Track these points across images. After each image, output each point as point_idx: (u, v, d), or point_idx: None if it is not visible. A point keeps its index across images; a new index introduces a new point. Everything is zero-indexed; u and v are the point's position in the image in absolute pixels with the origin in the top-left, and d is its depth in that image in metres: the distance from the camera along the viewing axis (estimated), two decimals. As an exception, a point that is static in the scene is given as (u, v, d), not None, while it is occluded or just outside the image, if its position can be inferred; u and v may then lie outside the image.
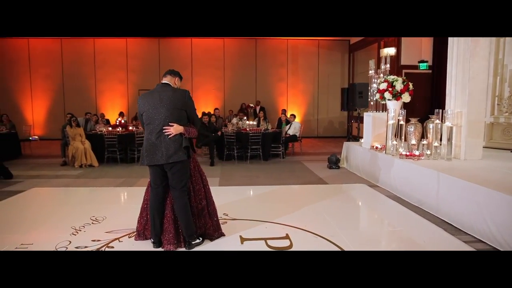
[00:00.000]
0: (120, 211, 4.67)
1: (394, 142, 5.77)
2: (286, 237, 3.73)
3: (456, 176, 4.22)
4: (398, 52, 10.73)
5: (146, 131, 3.36)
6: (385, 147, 6.01)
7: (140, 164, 3.46)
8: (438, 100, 10.12)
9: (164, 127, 3.25)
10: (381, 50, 11.00)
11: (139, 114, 3.47)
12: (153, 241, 3.49)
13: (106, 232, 3.91)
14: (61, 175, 7.13)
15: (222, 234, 3.76)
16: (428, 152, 5.49)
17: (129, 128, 9.14)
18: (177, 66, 13.75)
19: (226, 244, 3.59)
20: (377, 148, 6.32)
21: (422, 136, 5.86)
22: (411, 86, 5.87)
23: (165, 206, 3.47)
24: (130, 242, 3.64)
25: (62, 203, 5.29)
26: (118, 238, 3.74)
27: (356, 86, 8.06)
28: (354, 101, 8.00)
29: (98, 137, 8.34)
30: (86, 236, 3.80)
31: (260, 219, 4.27)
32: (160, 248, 3.44)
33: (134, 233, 3.73)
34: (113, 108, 13.38)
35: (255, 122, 9.46)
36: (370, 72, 6.99)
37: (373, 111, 6.90)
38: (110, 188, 5.96)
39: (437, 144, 5.50)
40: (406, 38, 10.78)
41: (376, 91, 6.31)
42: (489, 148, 6.72)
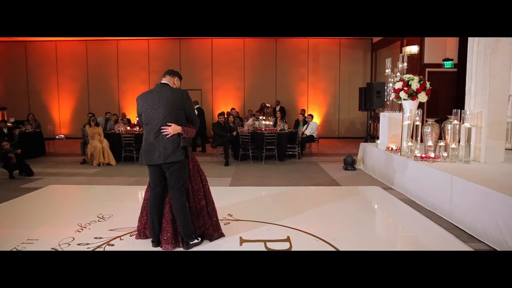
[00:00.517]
0: (127, 209, 4.72)
1: (409, 143, 5.56)
2: (287, 239, 3.65)
3: (471, 180, 4.00)
4: (421, 50, 10.35)
5: (145, 131, 3.38)
6: (400, 148, 5.79)
7: (138, 163, 3.48)
8: (463, 100, 9.72)
9: (162, 127, 3.25)
10: (403, 48, 10.67)
11: (138, 114, 3.49)
12: (152, 240, 3.51)
13: (110, 230, 3.96)
14: (78, 173, 7.33)
15: (222, 235, 3.72)
16: (445, 154, 5.25)
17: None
18: (198, 66, 13.97)
19: (225, 245, 3.55)
20: (392, 149, 6.11)
21: (440, 138, 5.61)
22: (428, 85, 5.64)
23: (164, 206, 3.47)
24: (131, 241, 3.67)
25: (74, 200, 5.43)
26: (120, 236, 3.78)
27: (374, 86, 7.84)
28: (371, 101, 7.79)
29: (116, 136, 8.52)
30: (90, 233, 3.87)
31: (264, 220, 4.21)
32: (159, 248, 3.44)
33: (136, 232, 3.76)
34: (135, 108, 13.64)
35: (271, 122, 9.38)
36: (386, 71, 6.77)
37: (389, 111, 6.67)
38: (121, 187, 6.07)
39: (454, 146, 5.25)
40: (430, 36, 10.42)
41: (392, 91, 6.10)
42: (514, 150, 6.37)
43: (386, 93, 6.71)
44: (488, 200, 3.58)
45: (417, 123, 5.59)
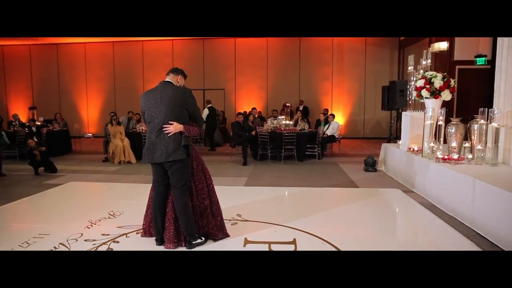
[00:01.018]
0: (138, 207, 4.71)
1: (431, 144, 5.28)
2: (292, 242, 3.53)
3: (496, 184, 3.72)
4: (451, 46, 9.87)
5: (148, 129, 3.37)
6: (422, 149, 5.51)
7: (142, 162, 3.47)
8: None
9: (164, 126, 3.22)
10: (431, 45, 10.21)
11: (141, 112, 3.48)
12: (156, 238, 3.49)
13: (118, 227, 3.99)
14: (99, 171, 7.49)
15: (227, 235, 3.66)
16: (470, 156, 4.94)
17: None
18: (221, 66, 14.04)
19: (228, 245, 3.48)
20: (413, 150, 5.83)
21: (466, 139, 5.30)
22: (452, 83, 5.33)
23: (166, 204, 3.44)
24: (136, 238, 3.68)
25: (90, 197, 5.53)
26: (126, 234, 3.79)
27: (396, 84, 7.53)
28: (394, 100, 7.48)
29: (137, 135, 8.66)
30: (98, 229, 3.91)
31: (273, 221, 4.10)
32: (162, 246, 3.42)
33: (142, 230, 3.76)
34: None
35: (291, 122, 9.24)
36: (409, 68, 6.48)
37: (412, 110, 6.38)
38: (137, 185, 6.12)
39: (480, 147, 4.93)
40: (461, 32, 9.89)
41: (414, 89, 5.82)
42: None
43: (408, 92, 6.42)
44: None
45: (440, 123, 5.31)
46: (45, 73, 14.55)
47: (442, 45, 9.89)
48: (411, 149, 5.91)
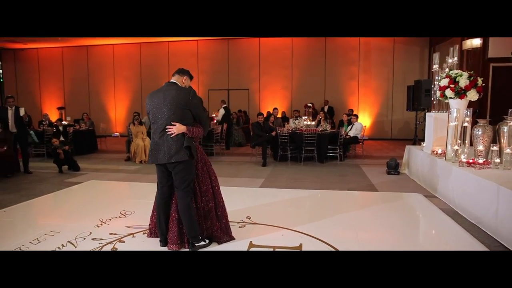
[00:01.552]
0: (149, 207, 4.66)
1: (455, 147, 4.98)
2: (298, 247, 3.41)
3: (522, 190, 3.44)
4: (484, 43, 9.33)
5: (152, 130, 3.36)
6: (445, 152, 5.22)
7: (148, 162, 3.47)
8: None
9: (167, 127, 3.20)
10: (463, 42, 9.72)
11: (147, 113, 3.47)
12: (160, 239, 3.48)
13: (126, 226, 4.01)
14: (120, 170, 7.63)
15: (232, 238, 3.59)
16: (498, 160, 4.61)
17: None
18: (245, 66, 14.03)
19: (232, 248, 3.40)
20: (437, 153, 5.53)
21: (494, 142, 4.96)
22: (480, 82, 5.01)
23: (170, 205, 3.42)
24: (141, 239, 3.68)
25: (106, 196, 5.61)
26: (133, 234, 3.80)
27: (422, 83, 7.18)
28: (419, 100, 7.14)
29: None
30: (107, 228, 3.94)
31: (282, 225, 3.99)
32: (165, 247, 3.40)
33: (148, 230, 3.76)
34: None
35: (313, 123, 9.05)
36: (434, 67, 6.16)
37: (436, 111, 6.06)
38: (153, 184, 6.11)
39: (510, 151, 4.59)
40: (496, 28, 9.33)
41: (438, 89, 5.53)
42: None
43: (433, 92, 6.11)
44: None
45: (466, 124, 4.99)
46: (76, 74, 15.10)
47: (475, 42, 9.38)
48: (435, 152, 5.62)
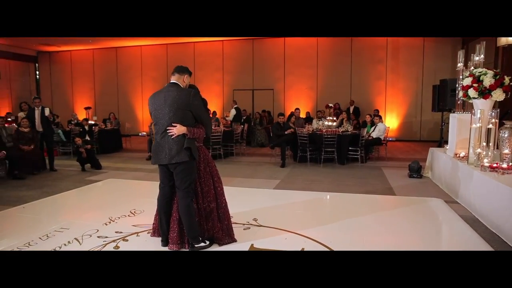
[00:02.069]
0: (159, 206, 4.82)
1: (478, 150, 4.68)
2: (299, 251, 3.31)
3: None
4: (521, 39, 8.76)
5: (155, 130, 3.38)
6: (468, 155, 4.92)
7: (151, 162, 3.50)
8: None
9: (168, 128, 3.21)
10: (498, 38, 9.17)
11: (150, 114, 3.49)
12: (161, 239, 3.49)
13: (133, 225, 4.06)
14: (140, 169, 7.78)
15: (234, 240, 3.54)
16: (524, 165, 4.30)
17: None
18: (270, 66, 13.95)
19: (231, 250, 3.35)
20: (459, 156, 5.24)
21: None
22: (506, 81, 4.68)
23: (172, 205, 3.43)
24: (145, 238, 3.71)
25: (120, 194, 5.71)
26: (138, 233, 3.84)
27: (447, 83, 6.82)
28: (445, 100, 6.78)
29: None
30: (114, 227, 4.01)
31: (287, 228, 3.90)
32: (166, 247, 3.40)
33: (151, 229, 3.78)
34: (210, 107, 14.14)
35: (334, 123, 8.84)
36: (458, 65, 5.82)
37: (461, 111, 5.73)
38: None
39: (538, 154, 4.27)
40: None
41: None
42: None
43: (457, 91, 5.78)
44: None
45: (490, 126, 4.69)
46: (105, 75, 15.60)
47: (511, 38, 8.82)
48: (457, 155, 5.32)
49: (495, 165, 4.36)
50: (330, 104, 10.10)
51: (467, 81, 4.85)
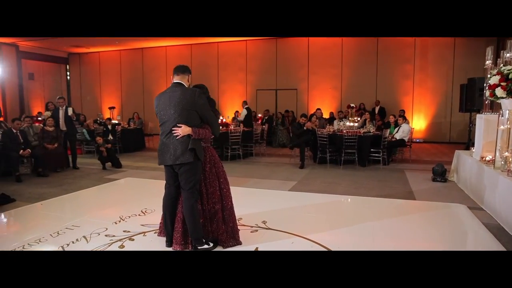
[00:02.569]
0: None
1: (506, 153, 4.38)
2: (304, 257, 3.18)
3: None
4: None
5: (160, 131, 3.36)
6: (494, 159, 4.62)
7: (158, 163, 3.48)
8: None
9: (173, 128, 3.18)
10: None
11: (156, 115, 3.49)
12: (166, 240, 3.47)
13: (141, 224, 4.07)
14: (158, 168, 7.80)
15: (239, 243, 3.47)
16: (556, 170, 3.98)
17: (230, 127, 9.46)
18: (294, 66, 13.79)
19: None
20: (485, 160, 4.92)
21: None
22: (538, 79, 4.35)
23: (177, 205, 3.41)
24: (151, 238, 3.71)
25: (134, 193, 5.77)
26: (145, 232, 3.84)
27: (476, 82, 6.44)
28: (472, 100, 6.42)
29: (199, 134, 8.89)
30: (123, 226, 4.03)
31: (295, 232, 3.78)
32: (171, 248, 3.38)
33: (159, 229, 3.77)
34: (233, 107, 14.12)
35: (356, 124, 8.58)
36: (486, 62, 5.49)
37: (488, 112, 5.40)
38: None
39: None
40: None
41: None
42: None
43: (485, 91, 5.45)
44: None
45: (519, 127, 4.37)
46: (132, 75, 15.95)
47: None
48: (483, 159, 5.00)
49: (523, 170, 4.06)
50: (352, 105, 9.81)
51: (495, 79, 4.55)
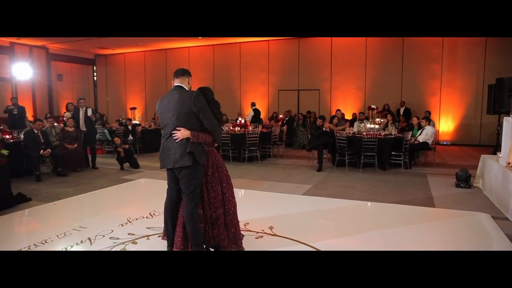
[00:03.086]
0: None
1: (533, 159, 4.06)
2: (306, 267, 3.05)
3: None
4: None
5: (162, 134, 3.33)
6: (521, 165, 4.30)
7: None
8: None
9: (172, 132, 3.14)
10: None
11: (158, 118, 3.45)
12: (167, 244, 3.42)
13: (147, 227, 4.05)
14: (175, 168, 7.87)
15: (241, 249, 3.37)
16: None
17: (248, 128, 9.38)
18: (316, 65, 13.57)
19: (234, 262, 3.18)
20: (512, 166, 4.60)
21: None
22: None
23: (178, 210, 3.35)
24: (154, 241, 3.69)
25: (146, 194, 5.79)
26: (149, 236, 3.82)
27: (505, 82, 6.05)
28: (501, 102, 6.03)
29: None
30: (129, 228, 4.03)
31: (301, 239, 3.65)
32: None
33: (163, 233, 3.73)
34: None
35: (377, 126, 8.29)
36: (515, 62, 5.11)
37: (516, 115, 5.05)
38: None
39: None
40: None
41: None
42: None
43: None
44: None
45: (549, 132, 4.04)
46: (156, 76, 16.19)
47: None
48: (510, 164, 4.67)
49: (552, 178, 3.75)
50: (373, 106, 9.53)
51: (521, 80, 4.23)
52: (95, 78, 17.43)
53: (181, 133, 3.10)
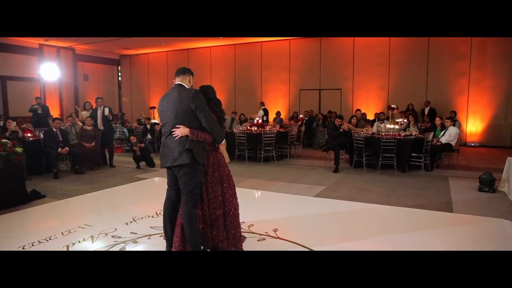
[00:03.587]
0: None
1: (560, 163, 3.75)
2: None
3: None
4: None
5: (162, 133, 3.30)
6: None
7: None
8: None
9: (172, 130, 3.10)
10: None
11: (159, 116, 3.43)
12: (166, 244, 3.39)
13: (151, 227, 4.05)
14: (190, 168, 7.89)
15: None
16: None
17: (265, 127, 9.28)
18: (338, 64, 13.32)
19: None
20: (537, 170, 4.27)
21: None
22: None
23: (177, 210, 3.31)
24: (154, 241, 3.68)
25: (155, 194, 5.74)
26: (150, 235, 3.80)
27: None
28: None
29: (232, 135, 8.82)
30: (132, 227, 4.04)
31: (304, 243, 3.53)
32: (170, 253, 3.29)
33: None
34: (275, 107, 13.90)
35: (397, 126, 7.99)
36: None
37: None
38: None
39: None
40: None
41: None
42: None
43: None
44: None
45: None
46: (177, 76, 16.35)
47: None
48: (536, 168, 4.35)
49: None
50: (393, 106, 9.19)
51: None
52: (119, 78, 17.82)
53: (180, 131, 3.06)
